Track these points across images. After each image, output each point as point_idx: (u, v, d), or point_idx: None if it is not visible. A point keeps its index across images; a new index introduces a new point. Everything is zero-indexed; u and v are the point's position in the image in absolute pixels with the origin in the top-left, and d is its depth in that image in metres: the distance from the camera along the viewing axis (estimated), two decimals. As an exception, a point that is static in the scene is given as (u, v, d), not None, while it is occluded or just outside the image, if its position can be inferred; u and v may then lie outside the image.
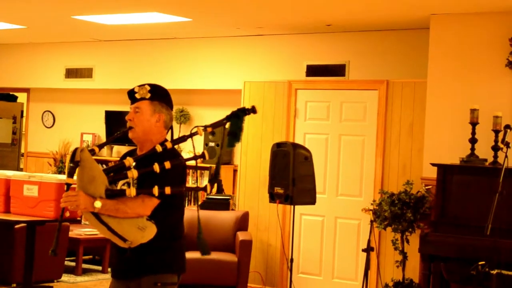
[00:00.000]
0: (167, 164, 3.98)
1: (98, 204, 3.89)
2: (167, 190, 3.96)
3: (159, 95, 4.27)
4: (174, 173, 4.05)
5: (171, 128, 4.33)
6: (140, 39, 10.79)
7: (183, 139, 4.16)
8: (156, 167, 3.97)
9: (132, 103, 4.24)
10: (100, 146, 4.22)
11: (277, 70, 9.71)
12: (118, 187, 4.10)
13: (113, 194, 3.96)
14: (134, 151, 4.32)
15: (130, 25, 9.58)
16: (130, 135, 4.22)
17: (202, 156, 4.11)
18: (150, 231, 4.02)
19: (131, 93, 4.25)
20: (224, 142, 4.29)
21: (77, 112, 11.84)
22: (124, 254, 4.10)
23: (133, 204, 3.96)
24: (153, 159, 4.04)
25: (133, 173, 4.00)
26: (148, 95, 4.21)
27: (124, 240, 3.99)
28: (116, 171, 4.07)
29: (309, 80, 9.31)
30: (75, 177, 4.00)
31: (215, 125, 4.19)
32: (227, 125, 4.24)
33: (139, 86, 4.24)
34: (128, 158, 4.08)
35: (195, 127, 4.14)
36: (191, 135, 4.11)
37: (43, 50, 11.96)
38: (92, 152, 4.09)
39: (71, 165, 3.95)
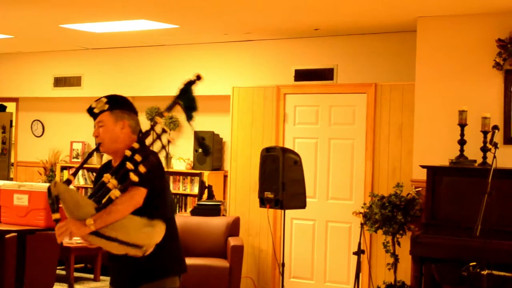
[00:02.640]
0: (142, 168, 3.96)
1: (90, 221, 3.88)
2: (141, 168, 3.94)
3: (118, 104, 4.24)
4: (150, 167, 4.03)
5: (141, 131, 4.28)
6: (128, 46, 10.79)
7: (147, 133, 4.17)
8: (133, 176, 3.95)
9: (94, 119, 4.22)
10: (75, 174, 4.18)
11: (266, 75, 9.72)
12: None
13: (102, 207, 3.94)
14: (110, 162, 4.31)
15: (118, 33, 9.58)
16: (101, 149, 4.20)
17: (163, 131, 4.12)
18: (159, 229, 4.02)
19: (90, 110, 4.23)
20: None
21: (66, 121, 11.82)
22: (126, 261, 4.08)
23: (121, 200, 3.94)
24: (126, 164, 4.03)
25: (113, 182, 3.97)
26: (106, 106, 4.18)
27: (140, 247, 3.97)
28: (98, 191, 4.06)
29: (297, 85, 9.32)
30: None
31: (169, 108, 4.18)
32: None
33: (96, 101, 4.22)
34: (105, 175, 4.03)
35: (155, 115, 4.15)
36: (153, 126, 4.14)
37: (31, 59, 11.94)
38: (68, 182, 4.08)
39: (51, 201, 3.94)
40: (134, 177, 3.93)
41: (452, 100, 7.70)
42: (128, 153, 4.05)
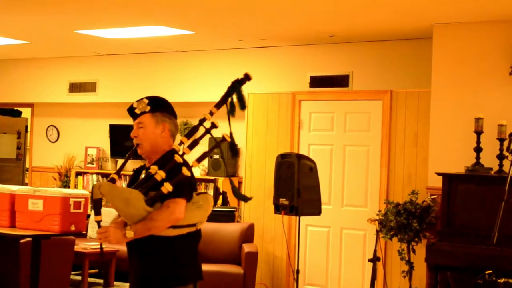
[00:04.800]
0: (168, 186, 3.94)
1: (130, 234, 3.93)
2: (168, 186, 3.94)
3: (159, 106, 4.27)
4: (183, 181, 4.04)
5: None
6: (144, 52, 10.81)
7: (195, 130, 4.20)
8: (167, 187, 3.96)
9: (134, 119, 4.22)
10: (118, 173, 4.21)
11: (281, 82, 9.71)
12: None
13: (154, 200, 3.95)
14: (144, 166, 4.30)
15: (133, 39, 9.60)
16: (139, 151, 4.20)
17: (213, 125, 4.22)
18: (207, 202, 4.17)
19: (131, 110, 4.24)
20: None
21: (81, 126, 11.86)
22: (139, 270, 4.09)
23: (161, 216, 3.95)
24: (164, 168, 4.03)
25: (161, 174, 3.99)
26: (148, 108, 4.20)
27: (194, 224, 4.11)
28: (144, 183, 4.06)
29: (313, 91, 9.31)
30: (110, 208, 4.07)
31: (219, 105, 4.24)
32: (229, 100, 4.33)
33: (137, 101, 4.23)
34: (152, 167, 4.03)
35: (203, 115, 4.18)
36: (201, 122, 4.17)
37: (46, 65, 11.98)
38: (113, 180, 4.11)
39: (93, 204, 3.99)
40: (165, 188, 3.94)
41: (468, 107, 7.67)
42: (179, 159, 4.06)
